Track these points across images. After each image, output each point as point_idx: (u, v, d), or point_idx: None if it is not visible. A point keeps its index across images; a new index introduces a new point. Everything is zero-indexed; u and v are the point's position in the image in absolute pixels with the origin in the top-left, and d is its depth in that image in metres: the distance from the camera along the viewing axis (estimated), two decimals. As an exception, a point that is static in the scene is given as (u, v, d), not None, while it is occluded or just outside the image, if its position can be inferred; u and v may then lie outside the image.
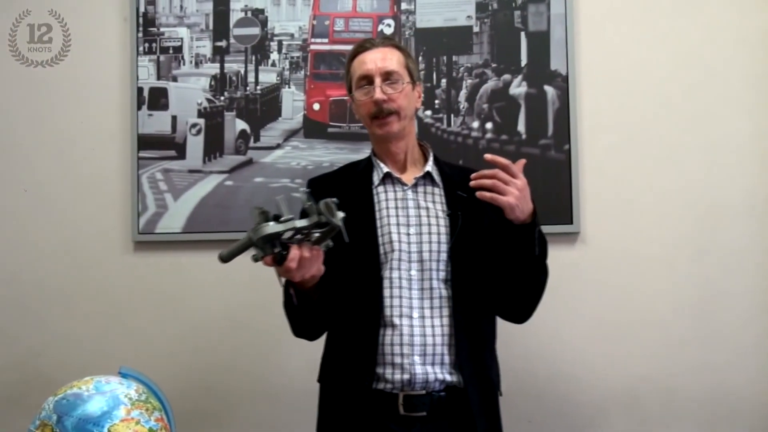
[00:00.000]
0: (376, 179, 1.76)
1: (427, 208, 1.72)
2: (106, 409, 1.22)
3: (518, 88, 2.40)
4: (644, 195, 2.36)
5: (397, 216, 1.71)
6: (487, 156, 1.57)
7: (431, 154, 1.80)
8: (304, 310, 1.64)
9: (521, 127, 2.39)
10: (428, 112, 2.41)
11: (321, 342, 1.83)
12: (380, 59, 1.72)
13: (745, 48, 2.36)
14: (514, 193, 1.53)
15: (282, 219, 1.43)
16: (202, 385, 2.45)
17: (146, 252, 2.49)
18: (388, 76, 1.70)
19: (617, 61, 2.39)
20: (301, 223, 1.43)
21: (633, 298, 2.35)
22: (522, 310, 1.74)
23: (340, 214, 1.42)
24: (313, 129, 2.47)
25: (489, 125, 2.39)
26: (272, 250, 1.45)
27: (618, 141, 2.38)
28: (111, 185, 2.50)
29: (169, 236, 2.46)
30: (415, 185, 1.74)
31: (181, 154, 2.49)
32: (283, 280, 1.58)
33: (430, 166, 1.76)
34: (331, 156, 2.44)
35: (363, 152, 2.41)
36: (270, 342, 2.43)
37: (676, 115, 2.37)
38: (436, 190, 1.75)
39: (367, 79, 1.72)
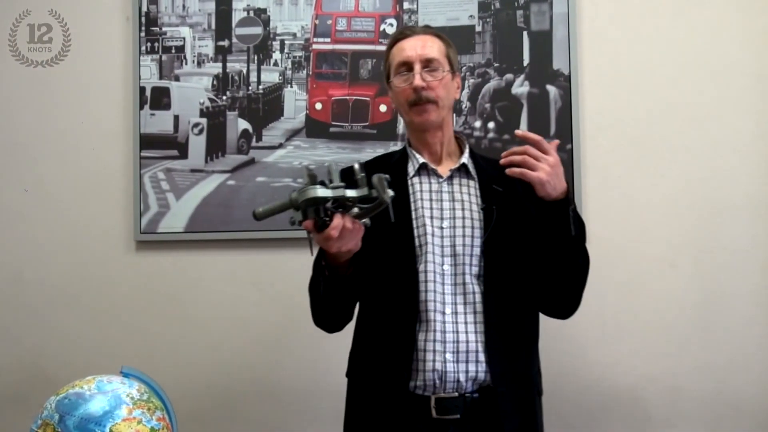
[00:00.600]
0: (411, 170, 1.72)
1: (462, 201, 1.68)
2: (108, 408, 1.22)
3: (520, 87, 2.40)
4: (647, 195, 2.36)
5: (431, 208, 1.67)
6: (518, 132, 1.56)
7: (467, 147, 1.76)
8: (333, 286, 1.58)
9: (523, 126, 2.38)
10: (430, 112, 2.41)
11: (323, 341, 1.82)
12: (420, 46, 1.68)
13: (748, 48, 2.36)
14: (545, 168, 1.50)
15: (332, 185, 1.39)
16: (204, 384, 2.45)
17: (148, 251, 2.49)
18: (427, 64, 1.67)
19: (620, 60, 2.39)
20: (351, 192, 1.39)
21: (636, 298, 2.35)
22: (565, 301, 1.69)
23: (390, 192, 1.39)
24: (315, 128, 2.47)
25: (491, 125, 2.39)
26: (315, 214, 1.39)
27: (620, 141, 2.37)
28: (113, 185, 2.50)
29: (171, 236, 2.47)
30: (451, 177, 1.70)
31: (183, 153, 2.49)
32: (316, 249, 1.53)
33: (465, 159, 1.72)
34: (333, 155, 2.44)
35: (365, 152, 2.42)
36: (272, 341, 2.43)
37: (679, 115, 2.36)
38: (471, 183, 1.71)
39: (407, 66, 1.68)
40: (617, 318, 2.35)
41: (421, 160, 1.71)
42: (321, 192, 1.37)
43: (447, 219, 1.66)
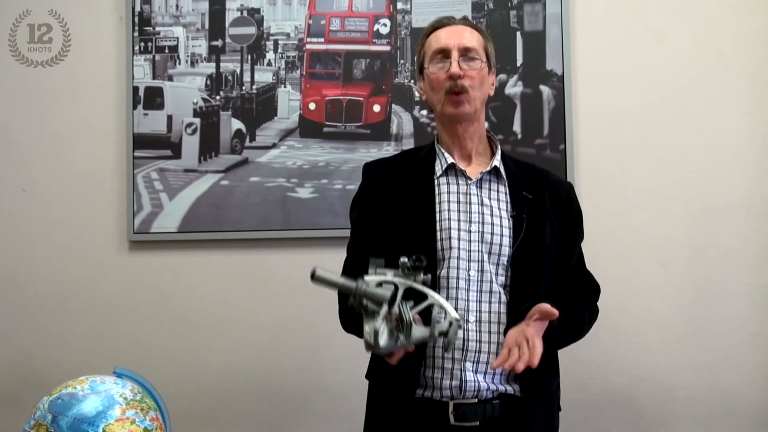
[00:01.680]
0: (438, 169, 1.66)
1: (491, 207, 1.62)
2: (101, 408, 1.21)
3: (514, 87, 2.40)
4: (640, 194, 2.37)
5: (458, 211, 1.61)
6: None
7: (499, 149, 1.70)
8: None
9: (517, 126, 2.39)
10: (424, 112, 2.41)
11: (317, 341, 1.83)
12: (459, 35, 1.63)
13: (741, 48, 2.37)
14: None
15: (401, 341, 1.32)
16: (197, 384, 2.45)
17: (141, 251, 2.49)
18: (465, 52, 1.61)
19: (613, 60, 2.40)
20: (417, 340, 1.34)
21: (628, 297, 2.35)
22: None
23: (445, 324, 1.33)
24: (308, 128, 2.47)
25: (485, 125, 2.38)
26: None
27: (613, 141, 2.38)
28: (106, 185, 2.50)
29: (164, 236, 2.46)
30: (480, 180, 1.64)
31: (177, 153, 2.48)
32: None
33: (497, 162, 1.66)
34: (326, 155, 2.44)
35: (359, 152, 2.42)
36: (264, 341, 2.43)
37: (672, 115, 2.37)
38: (501, 188, 1.65)
39: (444, 53, 1.62)
40: (610, 317, 2.33)
41: (450, 160, 1.65)
42: (387, 349, 1.31)
43: (476, 223, 1.60)
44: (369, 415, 1.71)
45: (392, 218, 1.62)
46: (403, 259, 1.35)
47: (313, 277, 1.33)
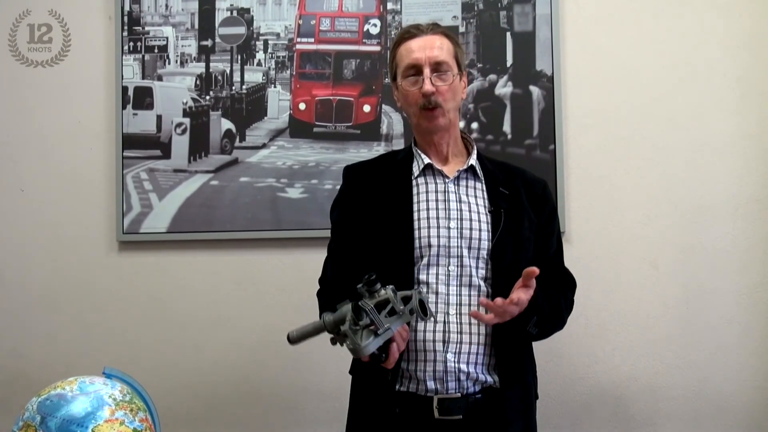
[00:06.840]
0: (416, 170, 1.71)
1: (469, 203, 1.67)
2: (90, 409, 1.21)
3: (504, 88, 2.41)
4: (629, 195, 2.38)
5: (437, 209, 1.66)
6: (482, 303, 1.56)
7: (474, 148, 1.75)
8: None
9: (506, 127, 2.40)
10: (414, 112, 2.41)
11: (303, 342, 1.82)
12: (429, 48, 1.66)
13: (728, 49, 2.38)
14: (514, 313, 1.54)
15: (379, 330, 1.41)
16: (187, 385, 2.44)
17: (131, 252, 2.48)
18: (437, 68, 1.65)
19: (602, 61, 2.41)
20: (396, 326, 1.43)
21: (617, 297, 2.36)
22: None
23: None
24: (298, 129, 2.47)
25: (474, 125, 2.40)
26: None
27: (603, 141, 2.39)
28: (95, 185, 2.49)
29: (153, 236, 2.45)
30: (457, 178, 1.70)
31: (166, 153, 2.48)
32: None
33: (474, 160, 1.72)
34: (316, 156, 2.44)
35: (348, 152, 2.42)
36: (254, 341, 2.43)
37: (661, 116, 2.38)
38: (478, 185, 1.70)
39: (416, 69, 1.65)
40: (600, 317, 2.36)
41: (427, 160, 1.70)
42: (374, 345, 1.41)
43: (454, 220, 1.64)
44: (352, 410, 1.74)
45: (371, 219, 1.67)
46: (358, 286, 1.44)
47: (290, 340, 1.50)
